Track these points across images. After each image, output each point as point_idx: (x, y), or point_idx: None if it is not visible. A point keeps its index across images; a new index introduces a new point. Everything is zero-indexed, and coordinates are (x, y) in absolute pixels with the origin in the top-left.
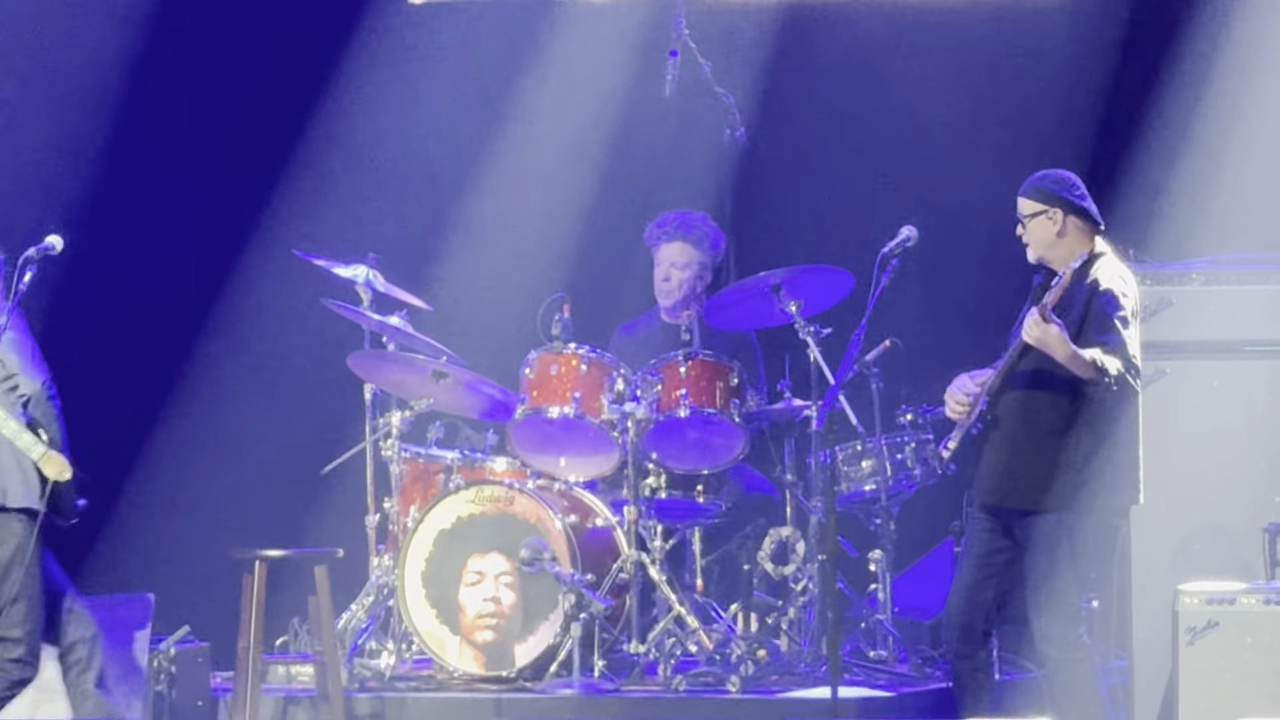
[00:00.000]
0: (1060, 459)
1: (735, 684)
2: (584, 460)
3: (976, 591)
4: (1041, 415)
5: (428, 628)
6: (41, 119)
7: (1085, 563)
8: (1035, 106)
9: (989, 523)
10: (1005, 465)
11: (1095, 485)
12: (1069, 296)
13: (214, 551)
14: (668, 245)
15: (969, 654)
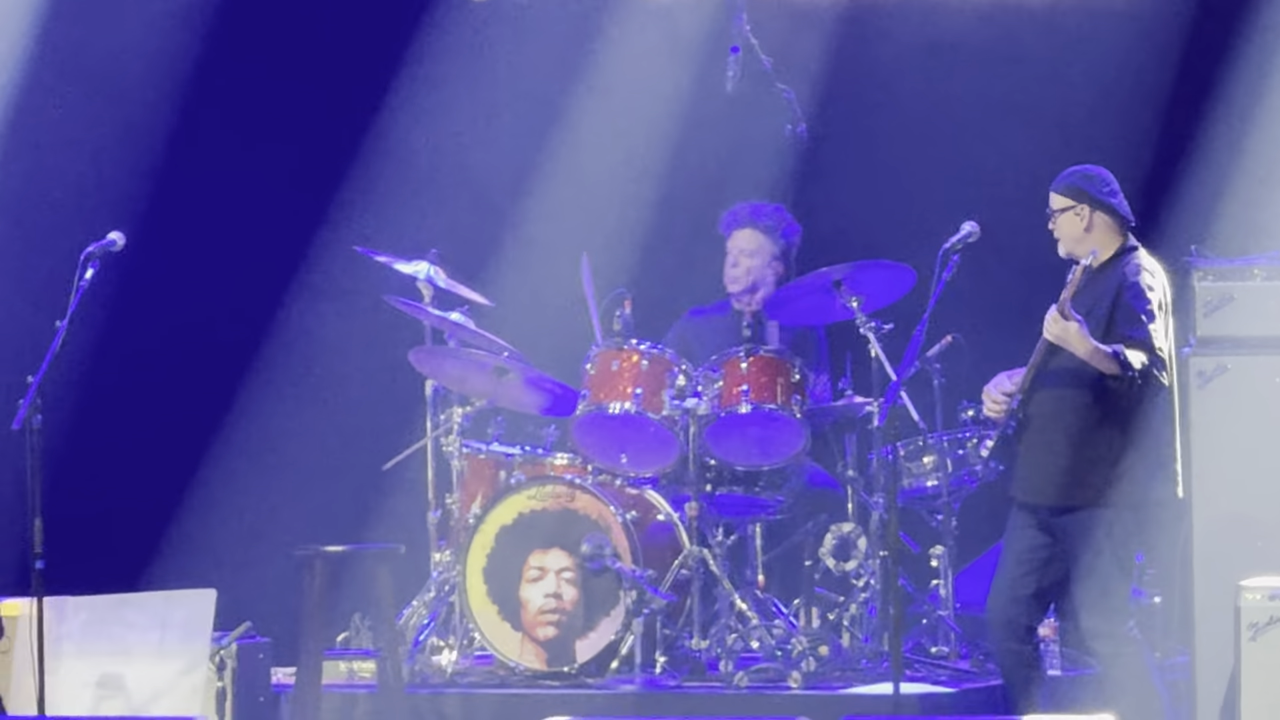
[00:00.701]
0: (1092, 455)
1: (797, 680)
2: (645, 456)
3: (1017, 588)
4: (1072, 412)
5: (489, 624)
6: (108, 118)
7: (1127, 556)
8: (1096, 102)
9: (1027, 519)
10: (1039, 463)
11: (1130, 479)
12: (1099, 292)
13: (275, 548)
14: (739, 232)
15: (1015, 649)
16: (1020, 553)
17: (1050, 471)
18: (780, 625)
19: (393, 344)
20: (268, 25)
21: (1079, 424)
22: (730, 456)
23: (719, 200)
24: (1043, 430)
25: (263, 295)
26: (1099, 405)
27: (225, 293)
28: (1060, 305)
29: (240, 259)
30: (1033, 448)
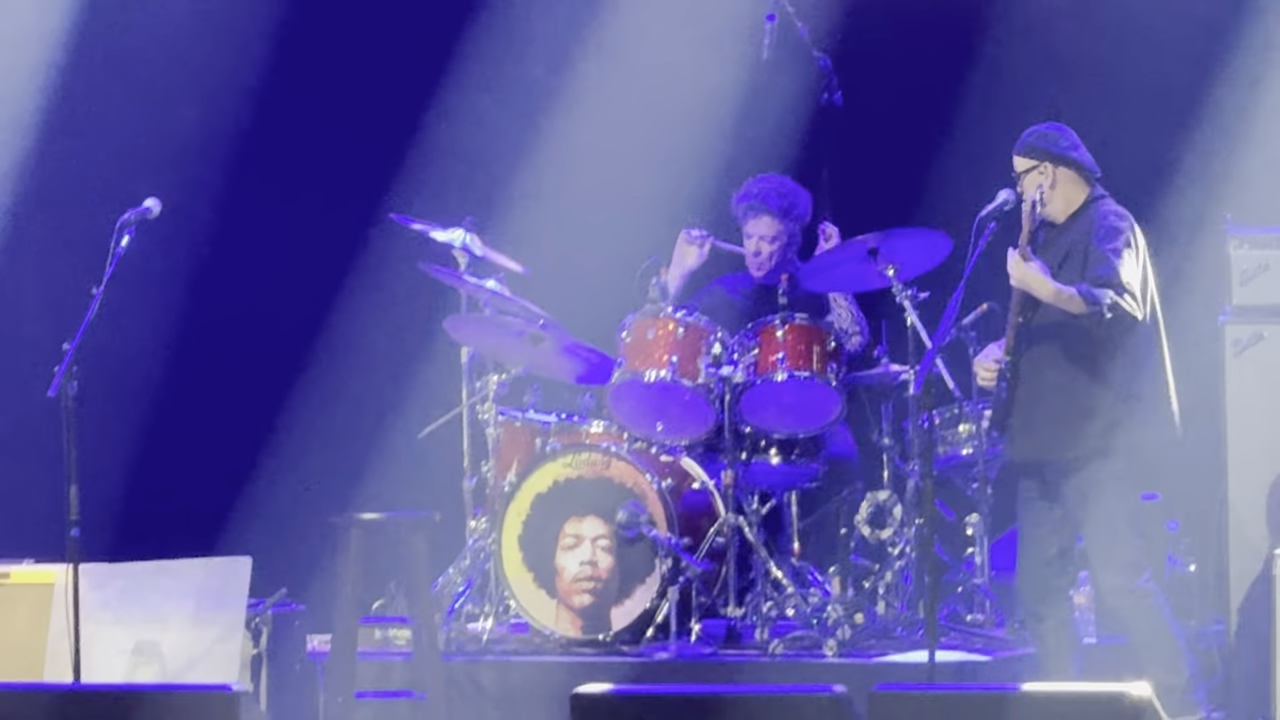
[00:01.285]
0: (1084, 405)
1: (832, 648)
2: (681, 424)
3: (1039, 551)
4: (1058, 366)
5: (524, 591)
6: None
7: (1132, 504)
8: (1131, 71)
9: (1031, 482)
10: (1033, 420)
11: (1125, 425)
12: (1071, 241)
13: (311, 515)
14: (755, 221)
15: (1045, 614)
16: (1033, 516)
17: (1045, 427)
18: (815, 593)
19: (428, 311)
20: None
21: (1067, 376)
22: (766, 424)
23: (753, 168)
24: (1032, 387)
25: (300, 266)
26: (1085, 356)
27: (263, 264)
28: (1020, 250)
29: (278, 230)
30: (1025, 406)
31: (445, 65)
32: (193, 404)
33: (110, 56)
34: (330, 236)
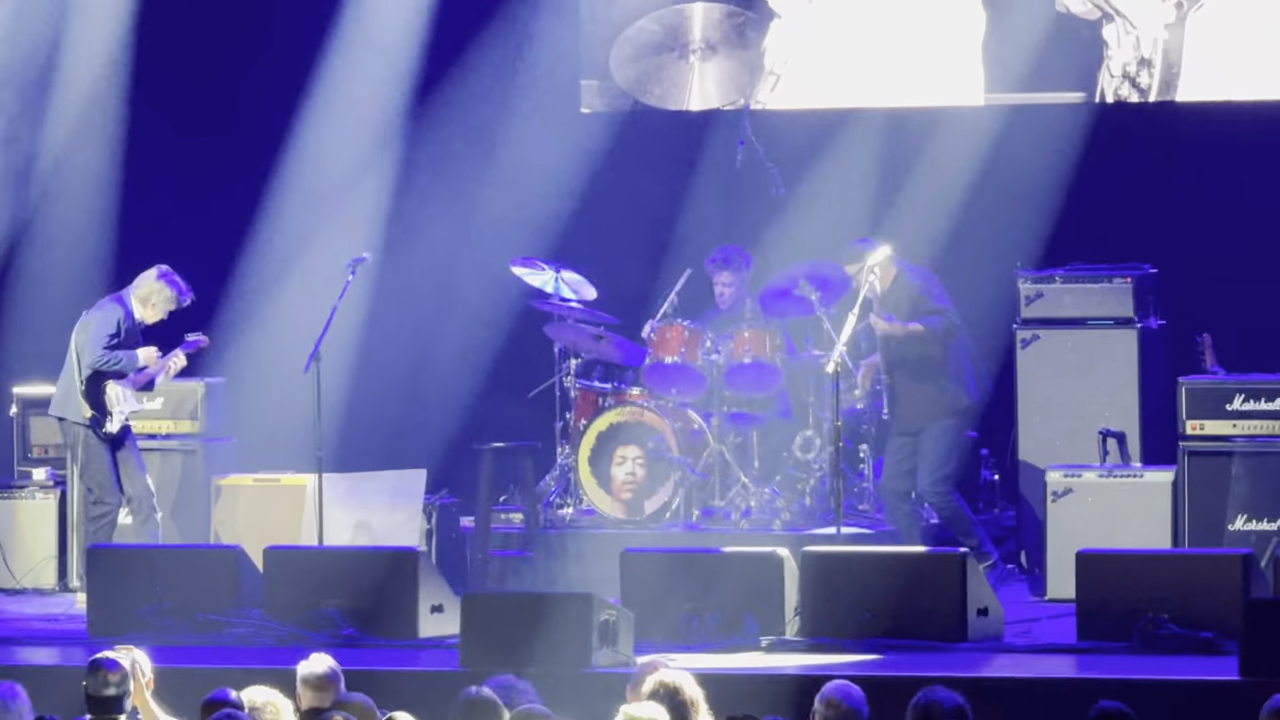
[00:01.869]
0: (929, 390)
1: (778, 524)
2: (688, 389)
3: (897, 468)
4: (910, 370)
5: (592, 490)
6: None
7: (953, 445)
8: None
9: (897, 437)
10: (902, 402)
11: (953, 398)
12: (898, 298)
13: (463, 444)
14: (719, 274)
15: (898, 506)
16: (895, 452)
17: (908, 405)
18: (768, 493)
19: (535, 321)
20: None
21: (917, 377)
22: (738, 389)
23: (728, 238)
24: (899, 384)
25: (457, 294)
26: (926, 363)
27: (435, 292)
28: (876, 317)
29: (438, 271)
30: (897, 395)
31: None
32: (394, 378)
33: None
34: (468, 273)
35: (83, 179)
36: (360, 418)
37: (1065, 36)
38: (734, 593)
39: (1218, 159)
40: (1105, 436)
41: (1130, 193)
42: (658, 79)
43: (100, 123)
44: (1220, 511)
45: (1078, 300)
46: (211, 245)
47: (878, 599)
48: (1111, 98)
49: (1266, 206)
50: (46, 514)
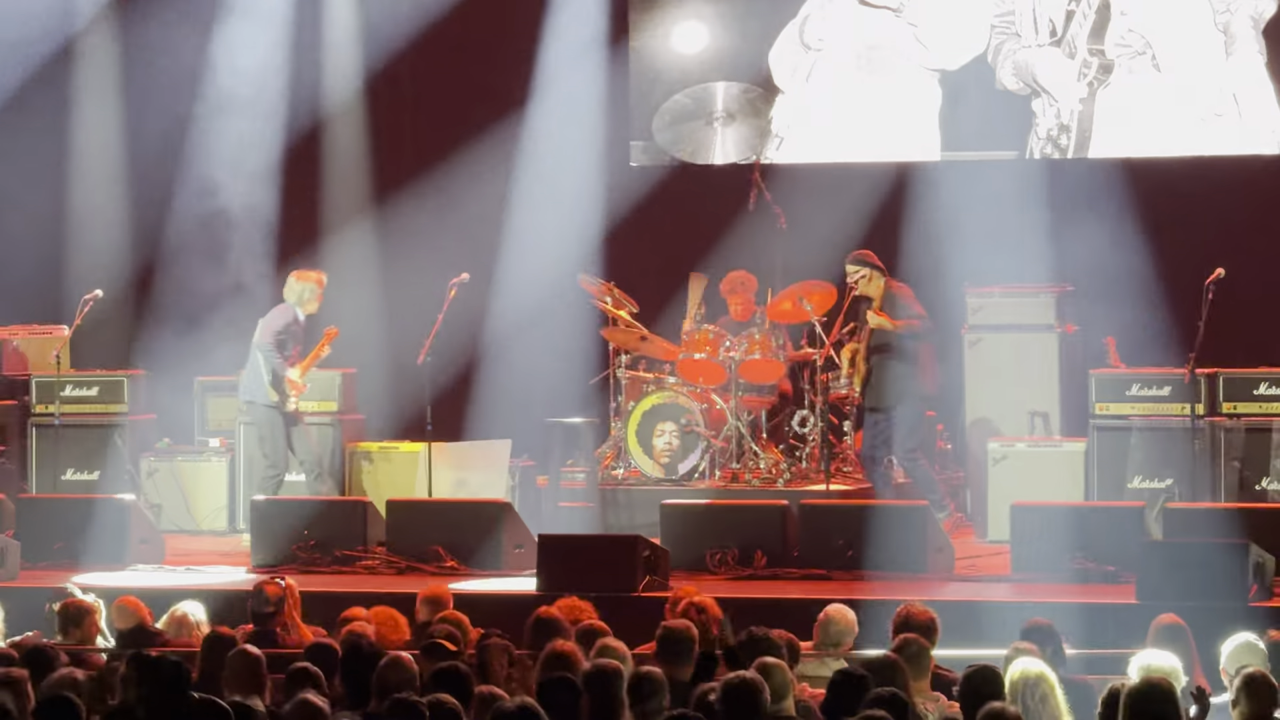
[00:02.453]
0: (898, 376)
1: (781, 483)
2: (712, 378)
3: (873, 440)
4: (886, 360)
5: (638, 455)
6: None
7: (916, 422)
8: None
9: (873, 413)
10: (875, 383)
11: (916, 384)
12: (889, 304)
13: (538, 419)
14: (730, 298)
15: (873, 469)
16: (870, 426)
17: (882, 388)
18: (773, 457)
19: (594, 324)
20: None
21: (892, 364)
22: (749, 378)
23: (743, 263)
24: (875, 368)
25: (537, 304)
26: (897, 353)
27: (518, 302)
28: (873, 312)
29: (521, 285)
30: (871, 377)
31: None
32: (485, 363)
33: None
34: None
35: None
36: (461, 399)
37: (1003, 108)
38: (748, 535)
39: (1121, 202)
40: (1033, 416)
41: (1053, 227)
42: (689, 140)
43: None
44: (1121, 473)
45: (1012, 310)
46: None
47: (858, 539)
48: (1039, 155)
49: (1156, 236)
50: (219, 473)
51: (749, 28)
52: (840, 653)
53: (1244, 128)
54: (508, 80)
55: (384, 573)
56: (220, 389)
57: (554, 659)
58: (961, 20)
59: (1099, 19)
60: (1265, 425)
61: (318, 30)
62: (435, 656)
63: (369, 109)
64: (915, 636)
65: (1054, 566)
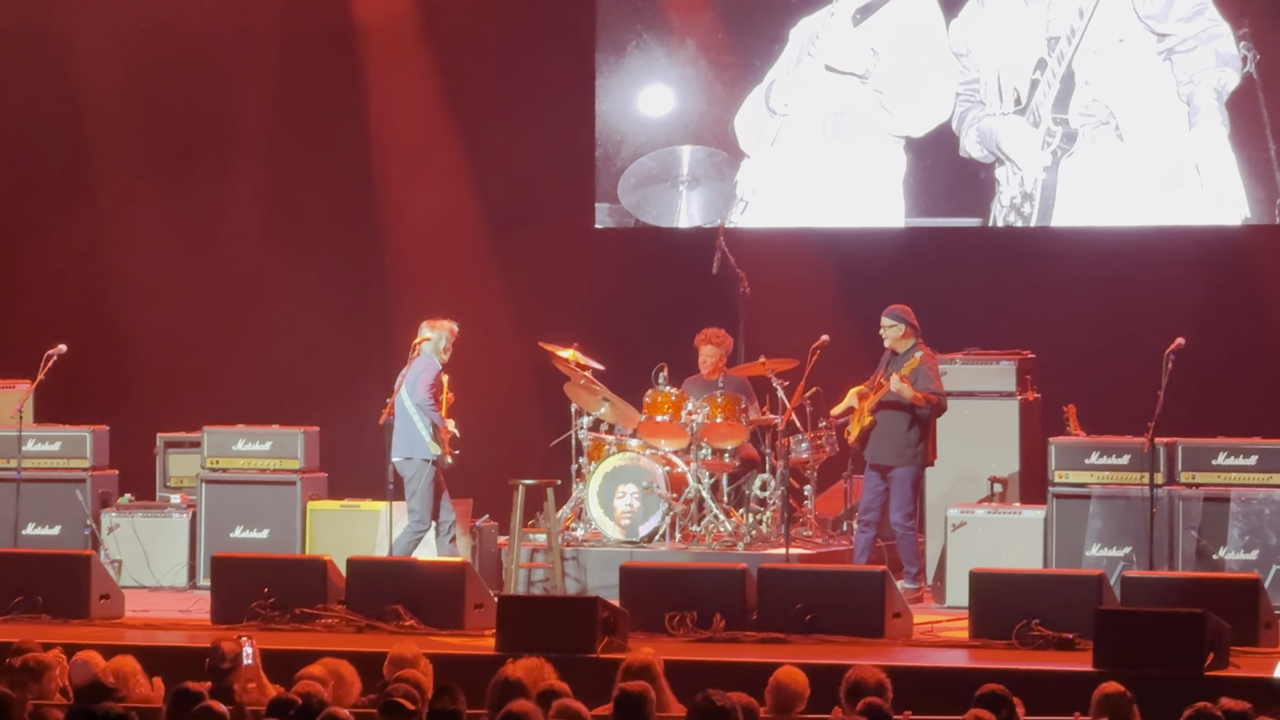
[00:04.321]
0: (905, 441)
1: (741, 546)
2: (673, 440)
3: (871, 501)
4: (896, 421)
5: (599, 517)
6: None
7: (915, 489)
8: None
9: (872, 472)
10: (881, 443)
11: (919, 451)
12: (913, 367)
13: (500, 480)
14: (704, 347)
15: (863, 531)
16: (869, 485)
17: (885, 447)
18: (734, 521)
19: (557, 386)
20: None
21: (900, 425)
22: (711, 441)
23: (707, 325)
24: (884, 424)
25: (498, 365)
26: (912, 420)
27: (480, 362)
28: (896, 375)
29: (483, 347)
30: (877, 435)
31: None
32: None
33: None
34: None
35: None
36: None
37: (966, 175)
38: (707, 598)
39: (1083, 270)
40: (993, 482)
41: (1015, 295)
42: (655, 203)
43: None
44: (1080, 541)
45: (973, 377)
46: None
47: (817, 604)
48: (1002, 223)
49: (1118, 305)
50: (180, 529)
51: (715, 92)
52: (792, 717)
53: (1206, 198)
54: (473, 140)
55: (343, 631)
56: (182, 445)
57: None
58: (926, 87)
59: (1063, 88)
60: (1223, 495)
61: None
62: (393, 715)
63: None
64: (879, 702)
65: (1011, 633)
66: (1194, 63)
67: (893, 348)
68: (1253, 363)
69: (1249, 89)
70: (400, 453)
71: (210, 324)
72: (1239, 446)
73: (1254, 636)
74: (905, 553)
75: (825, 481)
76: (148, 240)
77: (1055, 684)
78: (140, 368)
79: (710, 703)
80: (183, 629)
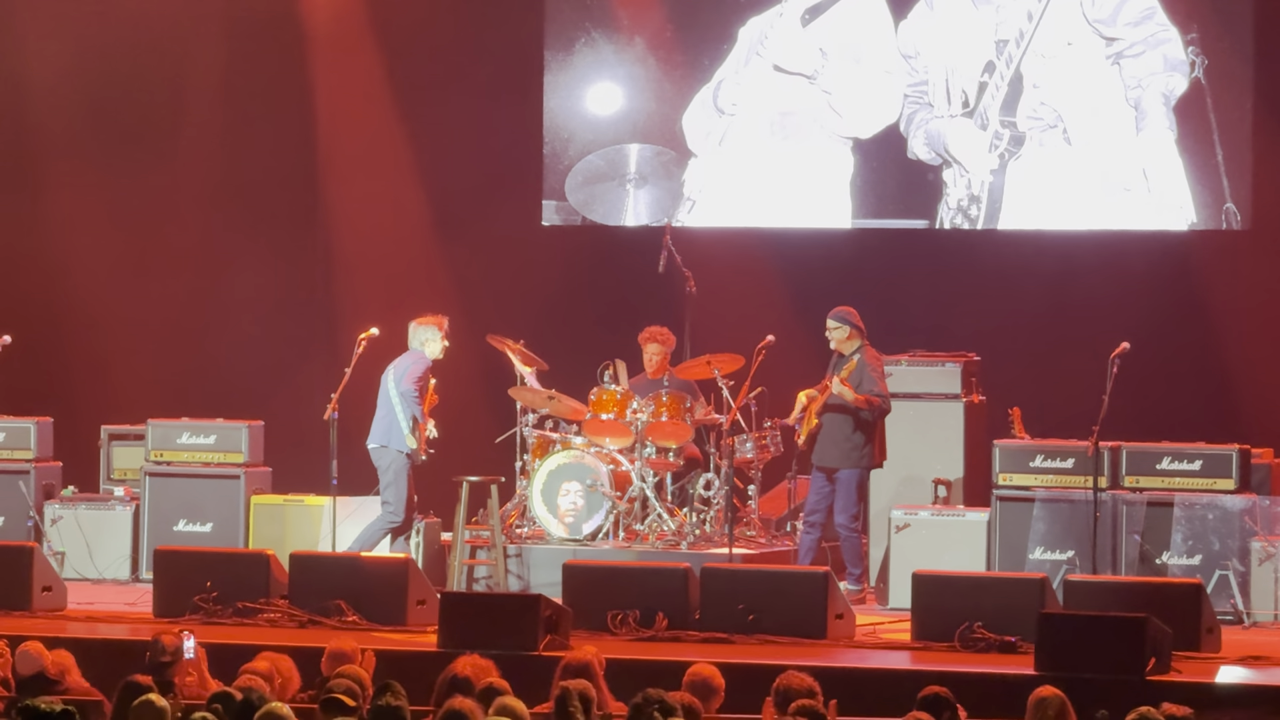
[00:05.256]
0: (851, 442)
1: (684, 546)
2: (619, 439)
3: (817, 503)
4: (842, 423)
5: (543, 514)
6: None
7: (860, 491)
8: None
9: (820, 473)
10: (825, 445)
11: (866, 454)
12: (859, 370)
13: (446, 478)
14: (648, 345)
15: (808, 532)
16: (816, 486)
17: (831, 449)
18: (678, 521)
19: (504, 384)
20: None
21: (845, 427)
22: (656, 440)
23: (650, 321)
24: (829, 426)
25: (445, 361)
26: (853, 419)
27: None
28: (838, 378)
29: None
30: (823, 438)
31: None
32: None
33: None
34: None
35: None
36: (367, 454)
37: (914, 177)
38: (650, 597)
39: (1029, 274)
40: (937, 484)
41: (961, 297)
42: (602, 201)
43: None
44: (1023, 544)
45: (918, 379)
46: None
47: (759, 604)
48: (949, 225)
49: (1063, 309)
50: (124, 522)
51: (663, 90)
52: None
53: (1153, 203)
54: (420, 135)
55: (285, 625)
56: (126, 437)
57: (452, 716)
58: (875, 89)
59: (1011, 91)
60: (1167, 499)
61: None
62: (333, 712)
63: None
64: (813, 704)
65: (953, 635)
66: (1142, 67)
67: (838, 350)
68: (1197, 368)
69: (1197, 94)
70: (376, 440)
71: (155, 318)
72: (1183, 451)
73: (1196, 641)
74: (849, 554)
75: (770, 482)
76: (93, 230)
77: (997, 687)
78: (85, 360)
79: (650, 701)
80: (125, 622)
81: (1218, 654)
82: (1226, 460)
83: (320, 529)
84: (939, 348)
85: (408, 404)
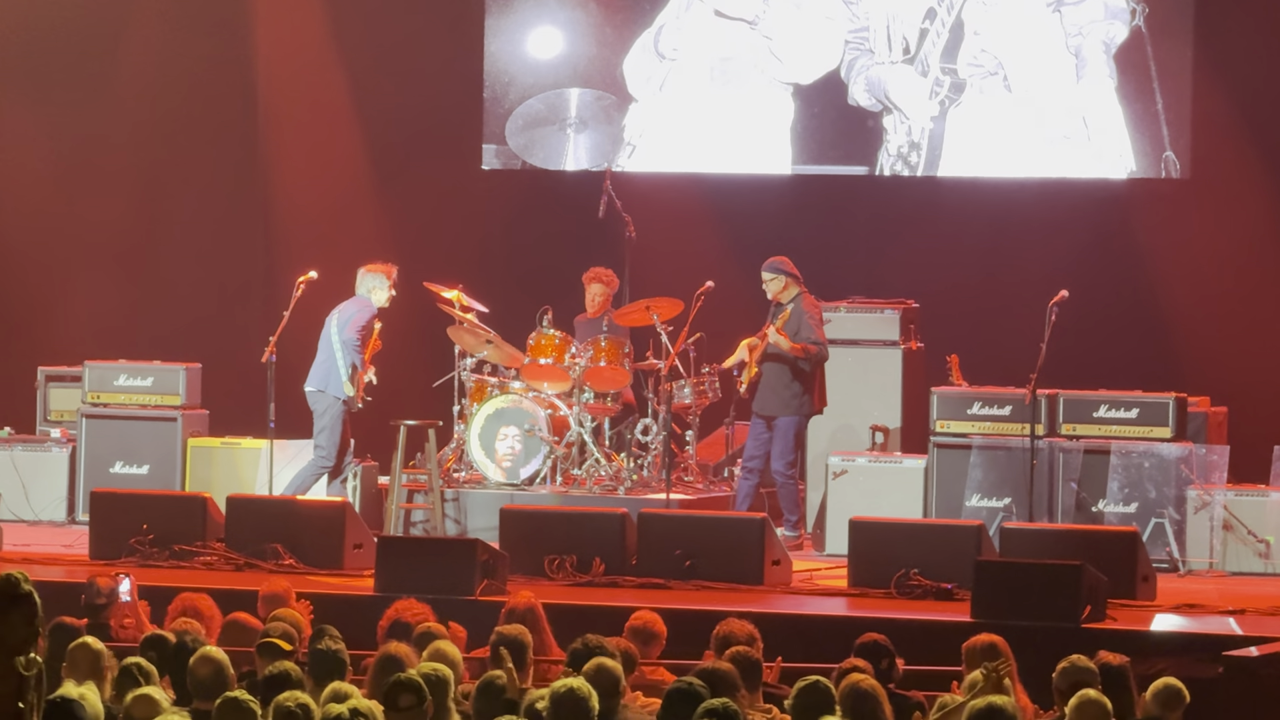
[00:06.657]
0: (789, 390)
1: (621, 491)
2: (557, 384)
3: (755, 449)
4: (780, 372)
5: (480, 459)
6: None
7: (798, 438)
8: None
9: (759, 419)
10: (766, 393)
11: (805, 401)
12: (796, 317)
13: (384, 421)
14: (591, 285)
15: (746, 478)
16: (754, 433)
17: (771, 397)
18: (615, 466)
19: (441, 327)
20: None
21: (783, 375)
22: (594, 385)
23: (593, 263)
24: (769, 374)
25: (397, 306)
26: (790, 367)
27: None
28: (775, 328)
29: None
30: (763, 387)
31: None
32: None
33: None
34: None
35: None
36: (304, 398)
37: (854, 123)
38: (587, 542)
39: (968, 221)
40: (874, 431)
41: (900, 244)
42: (542, 145)
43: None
44: (960, 492)
45: (857, 326)
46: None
47: (696, 550)
48: (889, 172)
49: (1002, 257)
50: (60, 464)
51: (604, 35)
52: (649, 660)
53: (1092, 151)
54: (359, 77)
55: (222, 569)
56: (63, 379)
57: (387, 661)
58: (815, 35)
59: (952, 38)
60: (1103, 447)
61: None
62: (270, 655)
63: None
64: (747, 650)
65: (890, 582)
66: (1083, 15)
67: (776, 299)
68: (1135, 316)
69: (1137, 42)
70: (315, 384)
71: (92, 259)
72: (1120, 399)
73: (1131, 589)
74: (785, 501)
75: (707, 427)
76: (30, 169)
77: (933, 634)
78: (22, 301)
79: (589, 647)
80: (60, 564)
81: (1153, 602)
82: (1163, 408)
83: (257, 472)
84: (878, 294)
85: (348, 351)
